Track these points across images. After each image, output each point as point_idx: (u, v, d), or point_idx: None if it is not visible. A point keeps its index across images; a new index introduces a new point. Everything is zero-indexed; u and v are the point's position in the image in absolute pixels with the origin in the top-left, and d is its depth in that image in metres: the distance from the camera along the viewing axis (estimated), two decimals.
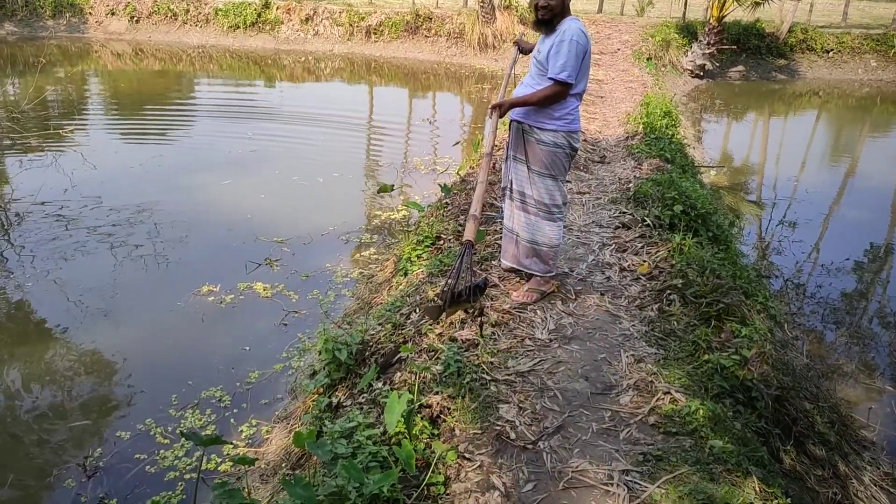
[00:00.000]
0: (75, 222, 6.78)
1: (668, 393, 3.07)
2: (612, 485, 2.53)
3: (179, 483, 3.54)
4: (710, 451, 2.70)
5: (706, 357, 3.34)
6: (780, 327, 5.01)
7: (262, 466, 3.65)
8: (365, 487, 2.40)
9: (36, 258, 6.01)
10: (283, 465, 3.46)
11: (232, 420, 4.08)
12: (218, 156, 9.26)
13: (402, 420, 2.62)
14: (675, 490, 2.46)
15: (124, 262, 6.01)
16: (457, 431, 2.82)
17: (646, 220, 5.04)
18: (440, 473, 2.55)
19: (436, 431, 2.82)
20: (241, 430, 3.98)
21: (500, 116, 3.49)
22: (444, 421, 2.89)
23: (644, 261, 4.42)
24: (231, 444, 2.73)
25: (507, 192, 3.80)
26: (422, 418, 2.86)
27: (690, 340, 3.51)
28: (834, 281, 6.41)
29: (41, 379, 4.48)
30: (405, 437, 2.53)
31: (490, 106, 3.49)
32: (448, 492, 2.48)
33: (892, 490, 3.59)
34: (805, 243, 7.29)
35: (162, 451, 3.76)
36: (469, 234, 2.82)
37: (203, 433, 3.93)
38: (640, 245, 4.71)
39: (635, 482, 2.54)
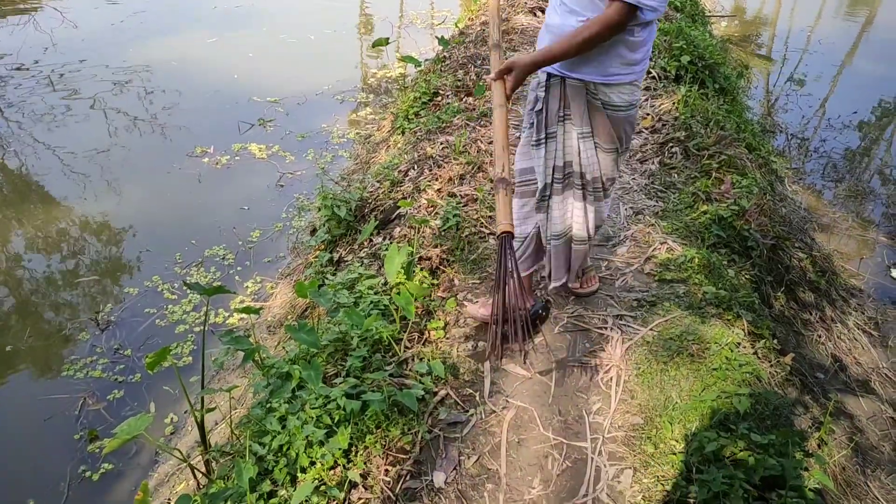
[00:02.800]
0: (61, 85, 6.54)
1: (665, 243, 3.10)
2: (606, 328, 2.61)
3: (189, 335, 3.68)
4: (703, 296, 2.77)
5: (705, 208, 3.34)
6: (780, 181, 4.99)
7: (268, 320, 3.78)
8: (367, 333, 2.49)
9: (24, 123, 5.87)
10: (289, 317, 3.58)
11: (237, 277, 4.17)
12: (200, 12, 8.78)
13: (402, 271, 2.66)
14: (667, 332, 2.55)
15: (117, 127, 5.87)
16: (456, 282, 2.88)
17: (651, 72, 4.86)
18: (440, 320, 2.63)
19: (435, 282, 2.88)
20: (247, 287, 4.08)
21: (514, 87, 2.10)
22: (444, 272, 2.94)
23: (647, 114, 4.31)
24: (234, 293, 2.79)
25: (552, 184, 2.30)
26: (421, 269, 2.91)
27: (690, 192, 3.50)
28: (838, 137, 6.30)
29: (47, 243, 4.53)
30: (405, 287, 2.59)
31: (490, 76, 2.13)
32: (448, 336, 2.58)
33: (873, 333, 3.73)
34: (813, 97, 7.08)
35: (170, 307, 3.87)
36: (505, 216, 1.81)
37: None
38: (643, 98, 4.57)
39: (629, 326, 2.62)
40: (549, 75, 2.15)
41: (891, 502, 2.68)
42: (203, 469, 2.39)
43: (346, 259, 3.39)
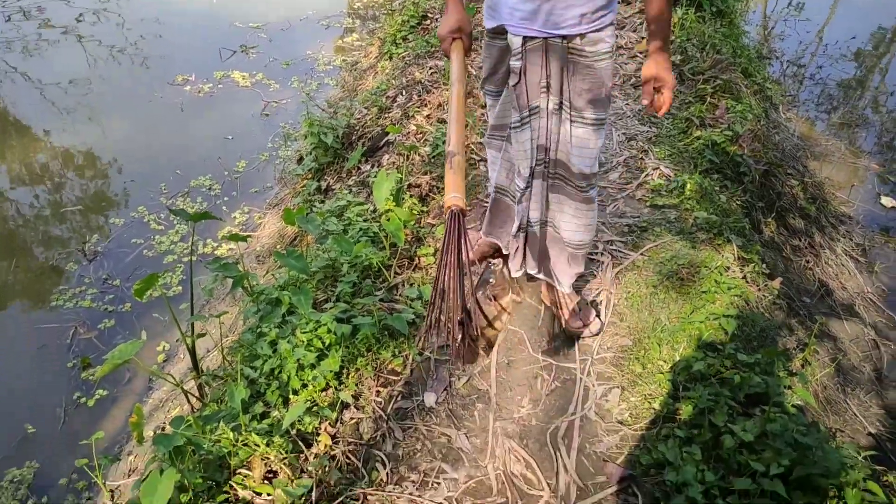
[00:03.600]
0: (35, 14, 6.26)
1: (658, 169, 3.07)
2: (597, 253, 2.61)
3: (178, 265, 3.66)
4: (694, 221, 2.76)
5: (698, 133, 3.30)
6: (774, 109, 4.92)
7: (257, 249, 3.76)
8: (356, 259, 2.47)
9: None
10: (277, 246, 3.55)
11: (224, 207, 4.11)
12: None
13: (391, 197, 2.62)
14: (658, 256, 2.56)
15: (95, 57, 5.66)
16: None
17: None
18: (430, 246, 2.62)
19: (425, 209, 2.85)
20: (234, 217, 4.03)
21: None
22: (433, 199, 2.91)
23: (642, 37, 4.19)
24: (220, 219, 2.75)
25: (529, 173, 2.01)
26: (411, 196, 2.87)
27: (684, 118, 3.44)
28: (835, 65, 6.18)
29: (31, 175, 4.43)
30: (394, 213, 2.56)
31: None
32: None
33: (860, 259, 3.77)
34: (812, 22, 6.91)
35: (158, 237, 3.83)
36: (455, 188, 1.47)
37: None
38: (638, 21, 4.43)
39: (619, 251, 2.62)
40: (526, 39, 1.79)
41: (867, 418, 2.76)
42: (196, 393, 2.42)
43: (333, 187, 3.35)
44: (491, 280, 1.65)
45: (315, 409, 1.98)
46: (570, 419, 2.02)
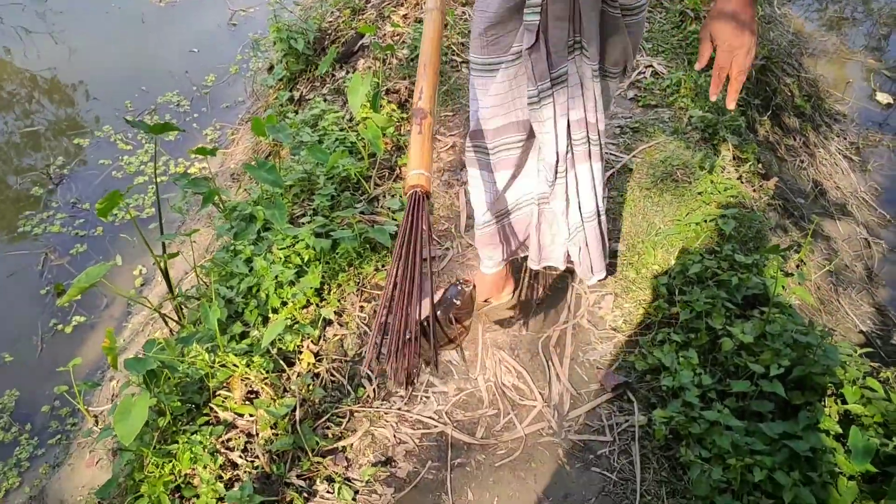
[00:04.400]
0: None
1: (650, 66, 2.89)
2: None
3: (150, 186, 3.49)
4: (689, 120, 2.62)
5: (693, 27, 3.10)
6: (769, 4, 4.68)
7: (231, 167, 3.59)
8: (333, 170, 2.33)
9: None
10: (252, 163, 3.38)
11: (195, 125, 3.90)
12: None
13: (368, 103, 2.45)
14: (651, 157, 2.43)
15: None
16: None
17: None
18: None
19: (404, 115, 2.68)
20: (206, 134, 3.83)
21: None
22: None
23: None
24: (182, 130, 2.57)
25: (556, 159, 1.57)
26: (389, 103, 2.69)
27: (678, 10, 3.23)
28: None
29: None
30: (371, 120, 2.39)
31: None
32: None
33: (853, 158, 3.67)
34: None
35: (126, 157, 3.64)
36: (420, 162, 1.18)
37: (166, 137, 3.80)
38: None
39: (611, 154, 2.49)
40: None
41: (859, 316, 2.74)
42: (174, 316, 2.33)
43: (307, 97, 3.15)
44: (456, 302, 1.26)
45: (296, 327, 1.90)
46: (563, 327, 1.95)
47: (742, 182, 2.44)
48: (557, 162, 1.56)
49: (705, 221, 2.14)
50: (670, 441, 1.65)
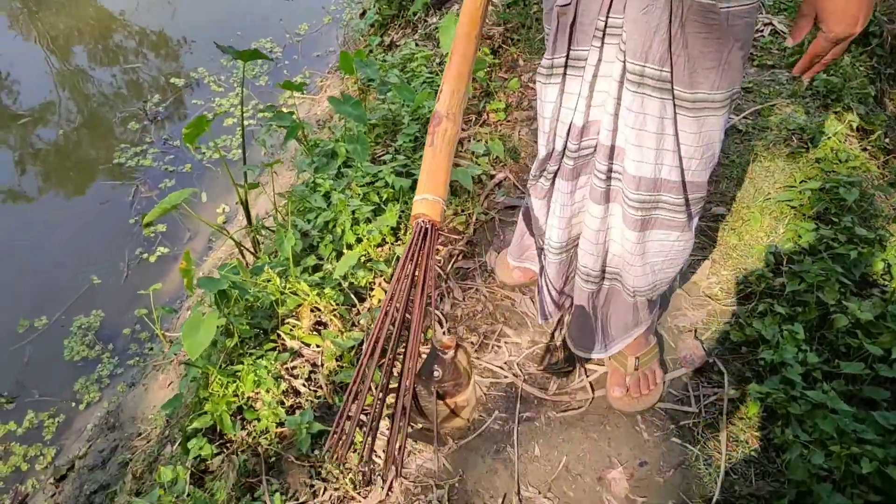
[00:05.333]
0: None
1: (769, 24, 2.64)
2: None
3: (238, 128, 3.53)
4: (810, 84, 2.37)
5: None
6: None
7: (318, 114, 3.57)
8: (419, 110, 2.25)
9: None
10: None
11: (285, 71, 3.92)
12: None
13: None
14: (764, 120, 2.22)
15: None
16: (520, 62, 2.55)
17: None
18: (501, 101, 2.36)
19: (497, 61, 2.56)
20: (296, 80, 3.83)
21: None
22: (507, 51, 2.61)
23: None
24: (270, 59, 2.54)
25: (547, 154, 1.31)
26: (483, 48, 2.58)
27: None
28: None
29: (88, 33, 4.33)
30: None
31: None
32: (509, 119, 2.31)
33: None
34: None
35: (217, 99, 3.70)
36: (430, 185, 0.94)
37: (257, 82, 3.84)
38: None
39: None
40: None
41: None
42: (252, 249, 2.33)
43: (398, 43, 3.07)
44: (437, 373, 0.94)
45: (369, 263, 1.84)
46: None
47: (866, 155, 2.19)
48: (547, 157, 1.29)
49: (822, 190, 1.92)
50: (764, 420, 1.50)
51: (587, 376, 1.61)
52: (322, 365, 1.61)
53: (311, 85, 3.84)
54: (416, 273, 0.89)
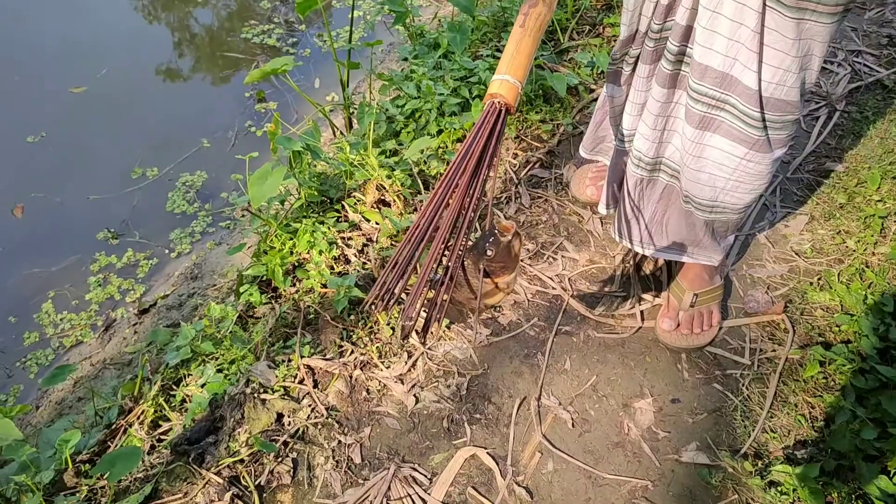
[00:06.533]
0: None
1: None
2: (833, 63, 2.05)
3: (360, 22, 3.55)
4: None
5: None
6: None
7: (442, 18, 3.52)
8: None
9: None
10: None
11: None
12: None
13: None
14: None
15: None
16: None
17: None
18: (618, 15, 2.20)
19: None
20: None
21: None
22: None
23: None
24: None
25: (640, 66, 1.22)
26: None
27: None
28: None
29: None
30: None
31: None
32: None
33: None
34: None
35: None
36: (511, 65, 0.89)
37: None
38: None
39: (865, 65, 2.03)
40: None
41: None
42: (344, 128, 2.37)
43: None
44: (489, 252, 0.93)
45: (445, 155, 1.82)
46: (734, 234, 1.67)
47: None
48: (628, 41, 1.24)
49: None
50: (819, 388, 1.37)
51: (640, 304, 1.54)
52: (376, 241, 1.63)
53: None
54: (480, 151, 0.86)
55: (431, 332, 0.90)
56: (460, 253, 0.88)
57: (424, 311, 0.89)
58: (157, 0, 3.84)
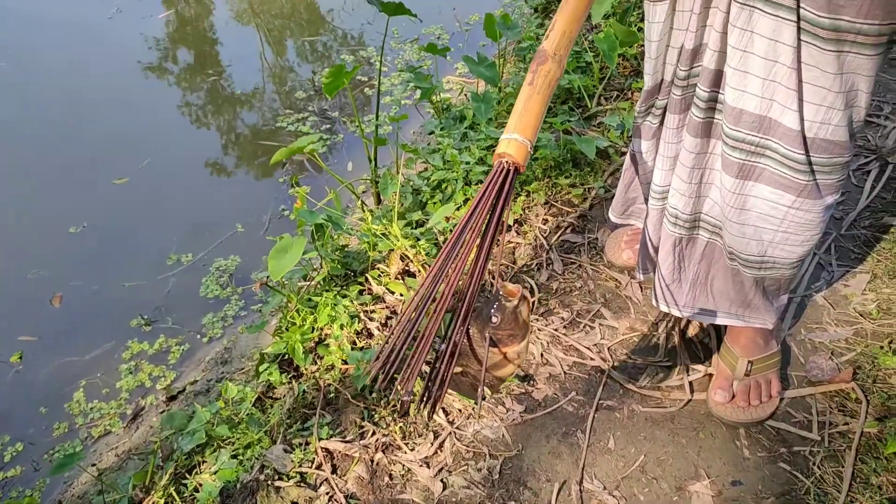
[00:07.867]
0: None
1: None
2: (880, 116, 1.95)
3: (394, 107, 3.62)
4: None
5: None
6: None
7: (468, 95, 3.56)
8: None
9: None
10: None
11: (448, 58, 3.96)
12: None
13: (613, 12, 2.19)
14: None
15: None
16: None
17: None
18: None
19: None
20: (456, 67, 3.87)
21: None
22: None
23: None
24: (414, 15, 2.51)
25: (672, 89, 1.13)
26: (640, 20, 2.40)
27: None
28: None
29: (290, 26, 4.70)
30: (611, 29, 2.14)
31: None
32: None
33: None
34: None
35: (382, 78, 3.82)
36: (520, 125, 0.85)
37: (419, 67, 3.91)
38: None
39: None
40: None
41: None
42: (373, 204, 2.35)
43: None
44: (495, 319, 0.86)
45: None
46: (788, 296, 1.54)
47: None
48: (654, 91, 1.18)
49: None
50: None
51: (688, 374, 1.40)
52: (401, 313, 1.55)
53: (470, 74, 3.84)
54: (487, 212, 0.80)
55: (434, 408, 0.83)
56: (463, 323, 0.81)
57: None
58: (197, 92, 4.02)
